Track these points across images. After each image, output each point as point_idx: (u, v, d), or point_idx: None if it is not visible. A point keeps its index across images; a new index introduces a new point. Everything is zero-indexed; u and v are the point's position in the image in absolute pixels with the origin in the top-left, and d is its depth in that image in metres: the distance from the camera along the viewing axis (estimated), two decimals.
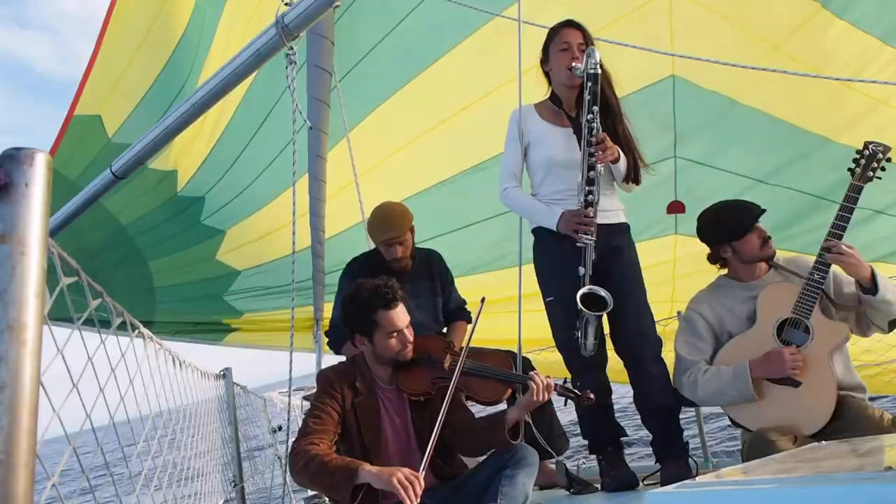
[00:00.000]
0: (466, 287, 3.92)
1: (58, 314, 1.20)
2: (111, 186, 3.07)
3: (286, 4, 2.46)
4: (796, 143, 4.15)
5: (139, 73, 4.24)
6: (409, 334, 2.71)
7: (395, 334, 2.66)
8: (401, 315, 2.68)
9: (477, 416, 2.79)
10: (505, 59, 3.44)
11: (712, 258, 3.10)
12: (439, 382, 2.64)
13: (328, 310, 4.90)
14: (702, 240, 3.11)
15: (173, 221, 4.85)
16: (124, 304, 1.69)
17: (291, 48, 2.56)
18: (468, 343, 2.88)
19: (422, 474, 2.33)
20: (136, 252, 4.92)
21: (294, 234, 3.16)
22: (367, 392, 2.71)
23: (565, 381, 2.79)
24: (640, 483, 3.04)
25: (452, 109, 4.39)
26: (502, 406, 2.78)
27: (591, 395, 2.65)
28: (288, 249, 4.65)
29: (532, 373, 2.56)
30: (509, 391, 2.69)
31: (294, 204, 3.09)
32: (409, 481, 2.27)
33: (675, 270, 5.04)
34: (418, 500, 2.27)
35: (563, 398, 2.68)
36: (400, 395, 2.72)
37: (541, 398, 2.52)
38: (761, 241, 2.96)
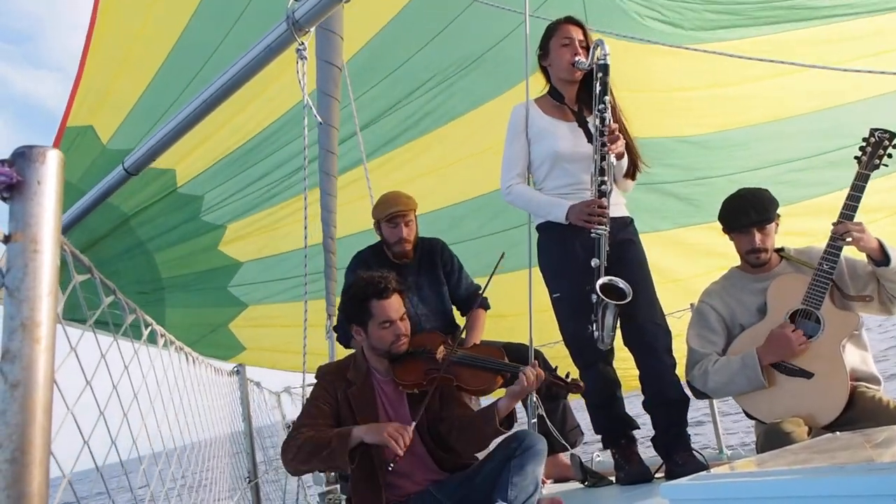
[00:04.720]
0: None
1: (71, 315, 1.20)
2: (123, 183, 3.10)
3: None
4: None
5: (129, 82, 4.27)
6: (403, 327, 2.71)
7: (387, 325, 2.67)
8: (395, 306, 2.69)
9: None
10: None
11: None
12: (432, 374, 2.65)
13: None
14: None
15: (173, 215, 4.90)
16: (135, 302, 1.70)
17: (302, 43, 2.56)
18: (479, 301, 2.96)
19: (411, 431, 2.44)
20: (139, 243, 4.96)
21: (305, 228, 3.16)
22: (361, 382, 2.73)
23: (555, 369, 2.78)
24: (654, 476, 3.03)
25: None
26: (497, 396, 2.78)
27: (581, 384, 2.64)
28: (291, 245, 4.70)
29: (526, 366, 2.56)
30: (500, 381, 2.69)
31: (305, 198, 3.10)
32: (400, 433, 2.39)
33: None
34: (404, 452, 2.38)
35: (553, 388, 2.69)
36: (396, 387, 2.72)
37: (529, 387, 2.52)
38: (749, 246, 2.93)
